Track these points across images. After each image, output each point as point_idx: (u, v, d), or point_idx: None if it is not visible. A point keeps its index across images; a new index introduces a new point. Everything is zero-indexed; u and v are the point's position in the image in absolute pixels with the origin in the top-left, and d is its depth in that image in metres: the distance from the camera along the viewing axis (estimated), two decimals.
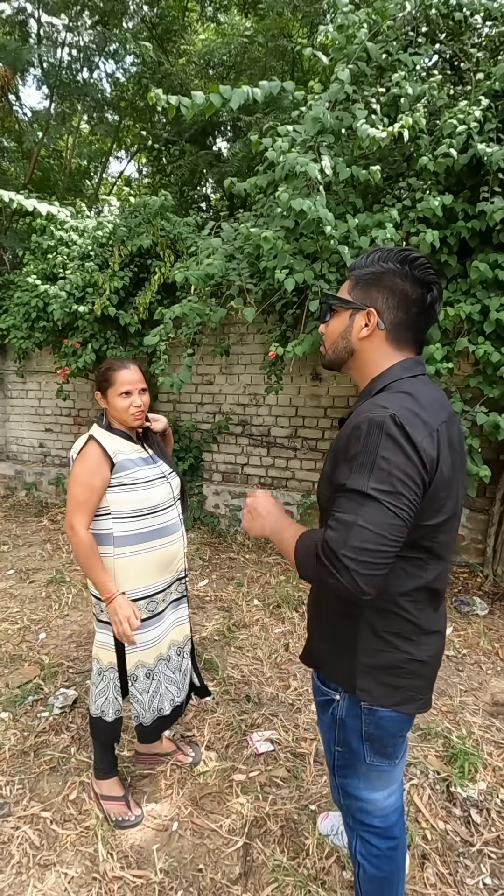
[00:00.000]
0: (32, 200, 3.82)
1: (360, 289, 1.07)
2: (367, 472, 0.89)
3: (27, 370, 5.94)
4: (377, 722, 1.07)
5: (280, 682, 2.52)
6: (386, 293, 1.03)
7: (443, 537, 1.01)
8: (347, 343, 1.09)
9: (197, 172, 5.47)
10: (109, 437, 1.59)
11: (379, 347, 1.06)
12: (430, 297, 1.03)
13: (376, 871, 1.20)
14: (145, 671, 1.65)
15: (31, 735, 2.11)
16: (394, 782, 1.19)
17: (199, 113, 2.48)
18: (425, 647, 1.06)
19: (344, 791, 1.19)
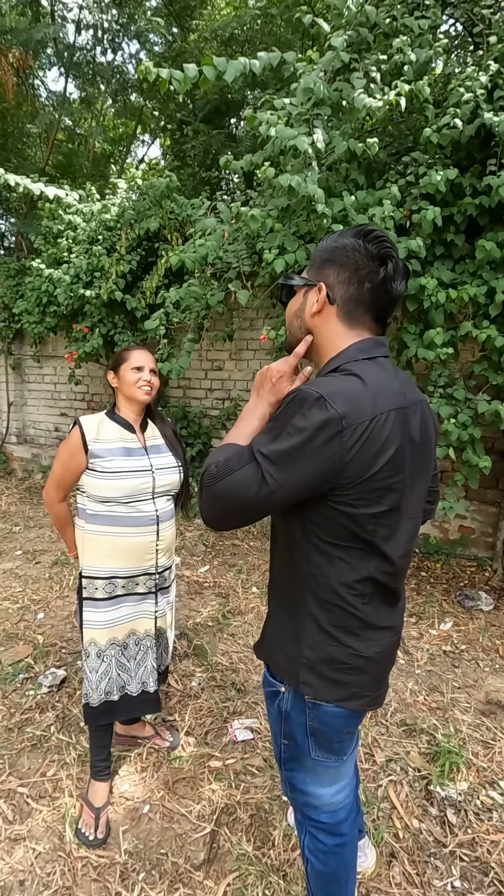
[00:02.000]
0: (39, 184, 3.81)
1: (315, 267, 1.03)
2: (270, 435, 0.89)
3: (43, 355, 6.02)
4: (321, 717, 1.05)
5: None
6: (337, 268, 0.99)
7: (382, 531, 0.96)
8: (301, 322, 1.05)
9: (210, 153, 5.35)
10: (98, 424, 1.65)
11: (332, 325, 1.01)
12: (384, 271, 0.96)
13: (323, 866, 1.18)
14: (96, 650, 1.66)
15: (17, 712, 2.16)
16: (342, 778, 1.15)
17: (213, 90, 2.41)
18: (372, 643, 1.02)
19: (291, 785, 1.17)
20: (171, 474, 1.73)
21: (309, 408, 0.86)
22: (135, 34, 7.18)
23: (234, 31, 4.81)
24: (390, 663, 1.10)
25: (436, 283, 2.39)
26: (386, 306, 1.01)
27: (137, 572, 1.69)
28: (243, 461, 0.89)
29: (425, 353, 2.50)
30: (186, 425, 4.72)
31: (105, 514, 1.62)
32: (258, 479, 0.87)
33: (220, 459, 0.91)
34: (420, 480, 1.02)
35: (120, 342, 4.36)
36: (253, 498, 0.87)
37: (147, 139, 10.65)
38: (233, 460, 0.90)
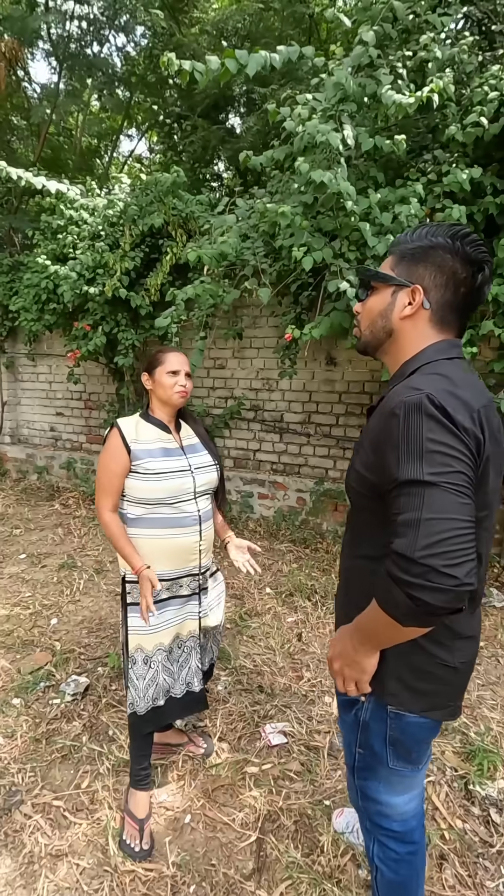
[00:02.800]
0: (41, 178, 3.71)
1: (405, 264, 1.00)
2: (418, 459, 0.81)
3: (37, 353, 5.89)
4: (403, 727, 1.03)
5: (293, 672, 2.48)
6: (433, 270, 0.97)
7: (482, 534, 0.92)
8: (387, 322, 1.02)
9: (209, 148, 5.28)
10: (136, 425, 1.64)
11: (420, 328, 0.99)
12: (482, 277, 0.96)
13: (394, 875, 1.17)
14: (143, 657, 1.62)
15: (43, 722, 2.10)
16: (415, 787, 1.15)
17: (213, 84, 2.38)
18: (458, 653, 0.99)
19: (363, 793, 1.15)
20: (210, 473, 1.70)
21: (436, 416, 0.83)
22: (121, 27, 7.06)
23: (237, 24, 4.75)
24: (471, 673, 1.07)
25: None
26: (473, 310, 1.01)
27: (181, 574, 1.66)
28: (420, 500, 0.79)
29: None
30: None
31: (148, 517, 1.60)
32: (457, 498, 0.78)
33: (408, 543, 0.78)
34: (499, 483, 0.98)
35: (123, 340, 4.28)
36: (469, 517, 0.78)
37: (133, 134, 10.51)
38: (409, 522, 0.79)
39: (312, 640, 2.76)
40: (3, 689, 2.30)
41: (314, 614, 3.00)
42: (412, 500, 0.80)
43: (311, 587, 3.29)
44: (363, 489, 0.99)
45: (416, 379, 0.91)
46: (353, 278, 2.30)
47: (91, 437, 5.70)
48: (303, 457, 4.53)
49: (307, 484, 4.44)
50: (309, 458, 4.49)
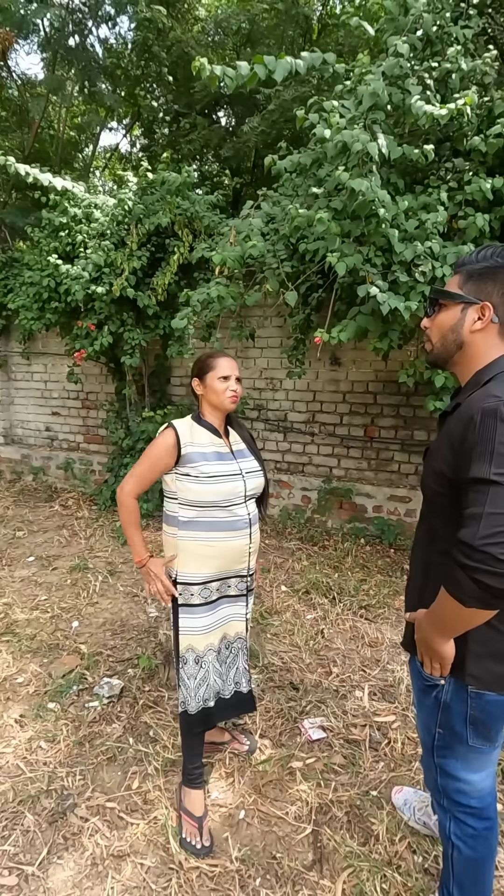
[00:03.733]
0: (48, 174, 3.65)
1: (473, 283, 1.10)
2: (488, 460, 0.91)
3: (32, 352, 5.79)
4: (483, 706, 1.10)
5: (321, 668, 2.53)
6: (501, 288, 1.07)
7: None
8: (458, 336, 1.11)
9: (210, 147, 5.26)
10: (190, 428, 1.64)
11: (490, 341, 1.09)
12: None
13: (471, 851, 1.23)
14: (194, 657, 1.65)
15: (83, 725, 2.10)
16: (491, 764, 1.21)
17: (235, 87, 2.38)
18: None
19: (442, 770, 1.21)
20: (258, 477, 1.74)
21: (502, 420, 0.92)
22: (106, 18, 6.94)
23: (242, 23, 4.73)
24: None
25: None
26: None
27: (231, 574, 1.69)
28: (485, 496, 0.89)
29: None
30: None
31: (201, 521, 1.62)
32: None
33: (474, 532, 0.89)
34: None
35: (129, 340, 4.24)
36: None
37: (115, 127, 10.34)
38: (477, 515, 0.90)
39: (334, 636, 2.83)
40: (37, 693, 2.29)
41: (333, 611, 3.07)
42: (478, 496, 0.91)
43: (326, 584, 3.35)
44: (441, 488, 1.08)
45: (494, 386, 1.00)
46: (381, 283, 2.36)
47: (89, 436, 5.64)
48: (307, 455, 4.59)
49: (312, 482, 4.51)
50: (313, 456, 4.55)
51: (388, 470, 4.21)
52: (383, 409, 4.21)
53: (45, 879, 1.51)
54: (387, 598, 3.21)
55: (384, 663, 2.58)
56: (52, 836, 1.64)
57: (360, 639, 2.79)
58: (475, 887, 1.25)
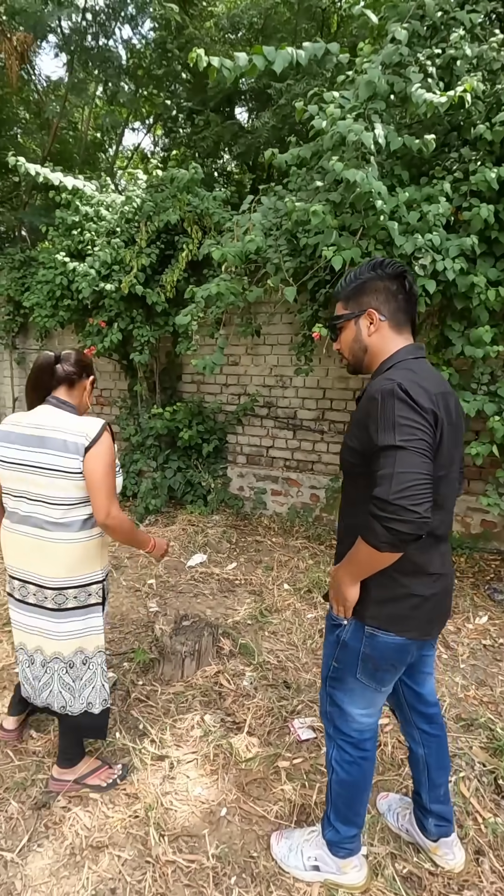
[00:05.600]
0: (58, 174, 3.70)
1: (353, 301, 1.31)
2: (392, 430, 1.10)
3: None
4: (374, 645, 1.27)
5: (317, 668, 2.50)
6: (373, 294, 1.28)
7: (442, 489, 1.22)
8: (360, 344, 1.31)
9: (221, 144, 5.26)
10: None
11: (385, 337, 1.29)
12: (407, 282, 1.28)
13: (347, 775, 1.39)
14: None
15: None
16: (374, 705, 1.37)
17: (233, 78, 2.35)
18: (427, 586, 1.25)
19: (331, 700, 1.39)
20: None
21: (402, 398, 1.11)
22: (128, 18, 7.01)
23: (253, 18, 4.71)
24: (444, 603, 1.33)
25: (485, 280, 2.40)
26: (414, 308, 1.31)
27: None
28: (393, 459, 1.08)
29: (473, 351, 2.51)
30: (202, 421, 4.68)
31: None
32: (419, 458, 1.07)
33: (383, 490, 1.07)
34: (456, 454, 1.28)
35: (138, 337, 4.28)
36: (427, 472, 1.08)
37: (139, 127, 10.45)
38: (386, 475, 1.08)
39: None
40: None
41: None
42: (387, 460, 1.09)
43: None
44: (354, 460, 1.27)
45: (392, 372, 1.21)
46: None
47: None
48: (316, 454, 4.54)
49: (321, 480, 4.46)
50: (322, 454, 4.50)
51: None
52: None
53: (24, 866, 1.53)
54: None
55: None
56: (34, 824, 1.66)
57: None
58: (348, 809, 1.42)
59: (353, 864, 1.45)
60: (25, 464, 1.52)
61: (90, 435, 1.49)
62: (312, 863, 1.47)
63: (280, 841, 1.57)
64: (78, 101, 8.23)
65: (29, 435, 1.52)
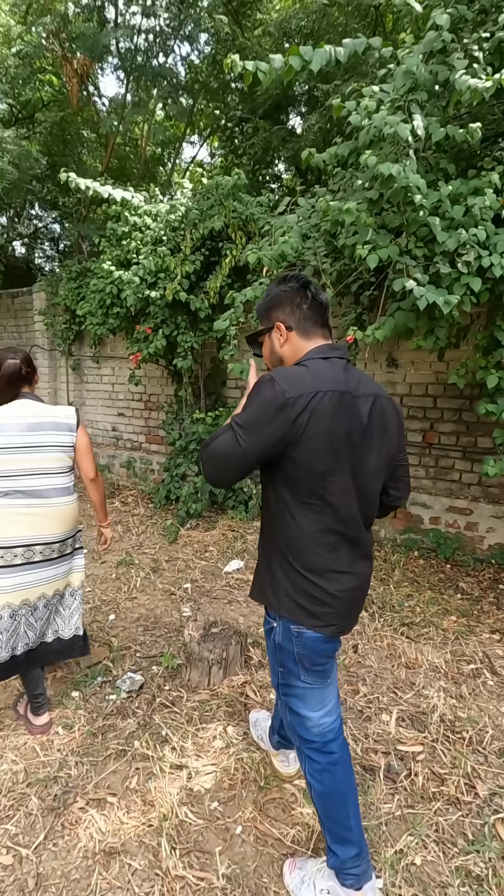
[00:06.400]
0: (107, 187, 3.84)
1: (265, 317, 1.39)
2: (244, 410, 1.20)
3: (102, 356, 6.12)
4: (304, 642, 1.30)
5: (348, 685, 2.39)
6: (279, 308, 1.35)
7: (334, 489, 1.22)
8: (276, 355, 1.38)
9: (270, 150, 5.26)
10: None
11: (294, 345, 1.34)
12: (310, 291, 1.33)
13: (320, 786, 1.38)
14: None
15: (100, 717, 2.15)
16: (327, 702, 1.38)
17: (275, 85, 2.33)
18: (335, 584, 1.27)
19: (289, 708, 1.41)
20: None
21: (264, 387, 1.19)
22: (186, 36, 7.20)
23: (301, 22, 4.69)
24: (355, 600, 1.34)
25: None
26: (324, 314, 1.36)
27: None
28: (224, 430, 1.20)
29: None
30: None
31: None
32: (234, 441, 1.17)
33: (212, 435, 1.24)
34: (378, 454, 1.29)
35: (182, 343, 4.34)
36: (231, 455, 1.18)
37: (196, 140, 10.70)
38: (218, 432, 1.22)
39: (369, 652, 2.66)
40: (63, 680, 2.38)
41: (370, 626, 2.89)
42: (224, 427, 1.21)
43: (369, 597, 3.18)
44: None
45: (278, 368, 1.28)
46: (420, 276, 2.19)
47: (150, 437, 5.85)
48: None
49: None
50: None
51: (448, 479, 3.91)
52: (443, 414, 3.93)
53: (38, 864, 1.55)
54: (434, 617, 2.97)
55: (419, 688, 2.38)
56: (51, 822, 1.68)
57: (396, 658, 2.60)
58: (335, 824, 1.37)
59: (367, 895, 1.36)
60: (23, 446, 1.84)
61: (73, 416, 1.98)
62: (324, 895, 1.41)
63: (293, 871, 1.51)
64: (137, 119, 8.56)
65: (22, 422, 1.86)
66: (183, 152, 10.70)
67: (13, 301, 7.22)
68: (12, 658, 1.91)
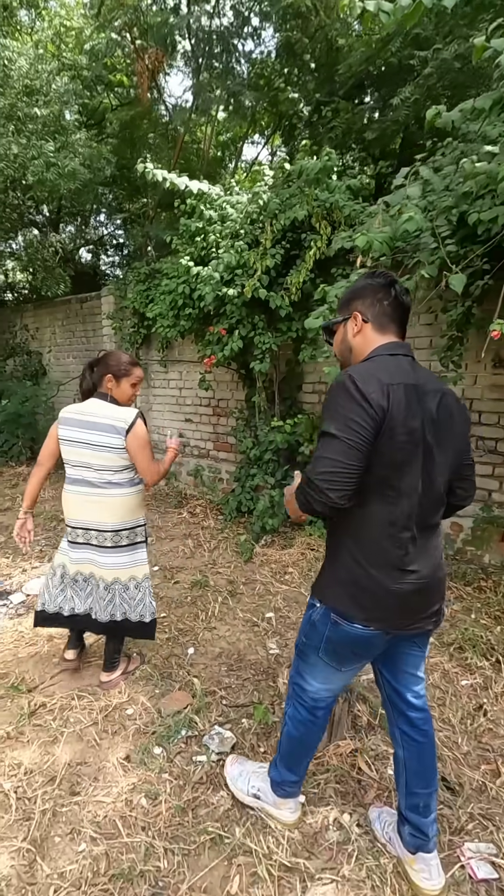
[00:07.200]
0: (184, 178, 3.57)
1: (343, 307, 1.43)
2: (330, 418, 1.22)
3: (169, 360, 5.92)
4: (338, 633, 1.33)
5: (485, 763, 1.94)
6: (360, 299, 1.38)
7: (409, 479, 1.25)
8: (346, 344, 1.41)
9: (352, 132, 4.83)
10: None
11: (367, 336, 1.36)
12: (394, 290, 1.35)
13: (294, 730, 1.55)
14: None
15: (188, 786, 1.82)
16: (332, 682, 1.46)
17: (359, 61, 1.91)
18: (395, 580, 1.27)
19: (295, 668, 1.53)
20: None
21: (340, 388, 1.23)
22: (249, 34, 6.91)
23: None
24: (416, 601, 1.30)
25: None
26: (402, 315, 1.37)
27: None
28: (323, 444, 1.21)
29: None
30: None
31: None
32: (340, 445, 1.18)
33: (311, 468, 1.22)
34: (445, 450, 1.30)
35: (259, 344, 4.00)
36: (345, 458, 1.18)
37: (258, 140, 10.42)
38: (317, 457, 1.21)
39: (502, 716, 2.18)
40: (144, 732, 2.08)
41: (497, 679, 2.40)
42: (321, 443, 1.22)
43: (487, 641, 2.68)
44: None
45: (353, 366, 1.31)
46: None
47: (219, 444, 5.57)
48: None
49: (468, 509, 3.78)
50: None
51: None
52: None
53: None
54: None
55: None
56: None
57: None
58: (291, 759, 1.58)
59: (289, 805, 1.64)
60: (80, 441, 2.06)
61: (124, 420, 2.04)
62: (255, 791, 1.69)
63: (234, 764, 1.81)
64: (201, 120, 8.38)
65: (82, 420, 2.07)
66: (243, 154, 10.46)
67: (81, 306, 7.21)
68: (56, 613, 2.26)
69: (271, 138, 9.77)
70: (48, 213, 8.39)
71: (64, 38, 6.00)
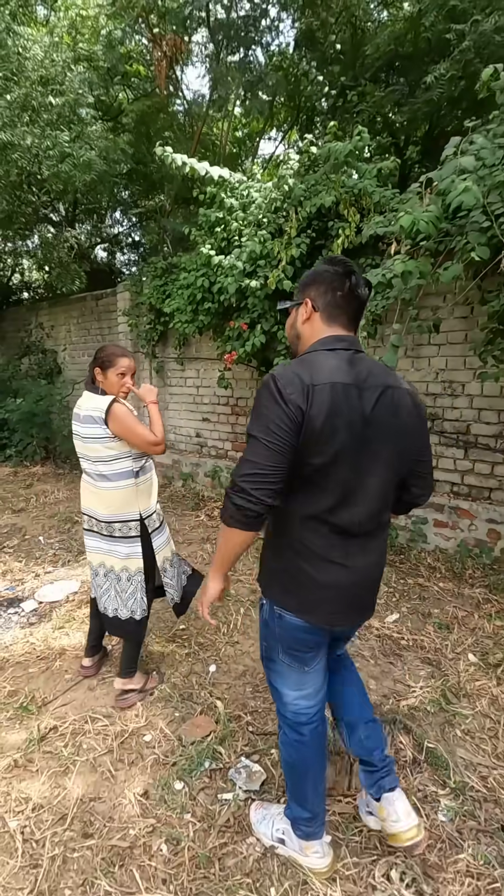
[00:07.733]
0: (205, 163, 3.38)
1: (300, 291, 1.38)
2: (254, 420, 1.22)
3: (186, 357, 5.74)
4: (284, 625, 1.35)
5: None
6: (316, 286, 1.34)
7: (333, 476, 1.23)
8: (295, 330, 1.40)
9: (381, 115, 4.59)
10: None
11: (315, 326, 1.34)
12: (350, 281, 1.29)
13: (287, 756, 1.49)
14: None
15: (213, 829, 1.62)
16: (305, 686, 1.42)
17: (388, 41, 1.68)
18: (324, 573, 1.29)
19: (268, 679, 1.51)
20: None
21: (265, 390, 1.22)
22: (267, 28, 6.70)
23: None
24: (349, 594, 1.33)
25: None
26: (356, 307, 1.33)
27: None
28: (248, 446, 1.22)
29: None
30: None
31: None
32: (263, 448, 1.18)
33: (236, 470, 1.23)
34: (385, 446, 1.27)
35: (283, 339, 3.79)
36: (265, 461, 1.18)
37: (274, 135, 10.21)
38: (241, 459, 1.22)
39: None
40: (163, 763, 1.89)
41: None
42: (246, 445, 1.22)
43: (494, 654, 2.43)
44: None
45: (279, 365, 1.33)
46: None
47: (237, 444, 5.37)
48: (496, 478, 3.61)
49: (502, 513, 3.53)
50: None
51: None
52: None
53: None
54: None
55: None
56: None
57: None
58: (295, 790, 1.49)
59: (315, 848, 1.49)
60: (77, 434, 2.12)
61: (102, 408, 2.02)
62: (279, 835, 1.56)
63: (258, 809, 1.66)
64: (217, 115, 8.19)
65: (78, 413, 2.11)
66: (260, 150, 10.25)
67: (97, 303, 7.08)
68: None
69: (289, 133, 9.56)
70: (64, 210, 8.30)
71: (80, 29, 5.86)
